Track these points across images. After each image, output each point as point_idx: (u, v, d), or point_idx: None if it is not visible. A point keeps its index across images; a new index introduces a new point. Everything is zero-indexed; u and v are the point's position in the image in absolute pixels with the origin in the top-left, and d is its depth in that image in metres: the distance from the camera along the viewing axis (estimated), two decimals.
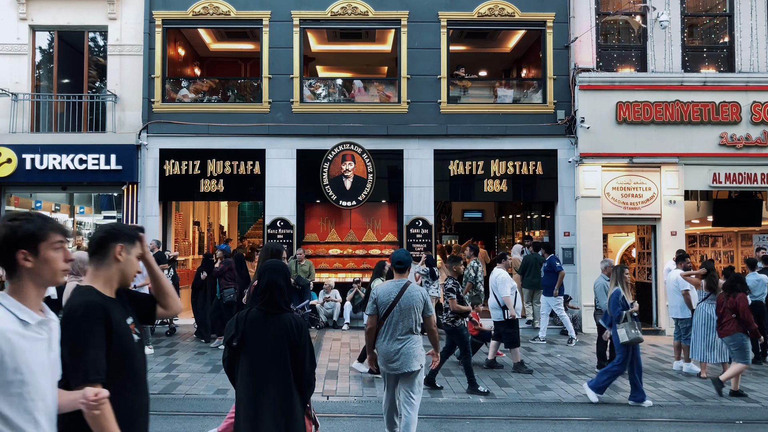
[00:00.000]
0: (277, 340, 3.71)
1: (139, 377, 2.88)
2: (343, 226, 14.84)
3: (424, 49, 14.14)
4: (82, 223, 18.01)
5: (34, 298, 2.31)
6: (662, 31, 13.55)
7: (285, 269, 3.95)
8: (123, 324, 2.82)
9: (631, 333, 7.54)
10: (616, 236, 16.61)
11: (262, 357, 3.73)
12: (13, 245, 2.26)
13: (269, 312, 3.78)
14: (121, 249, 2.86)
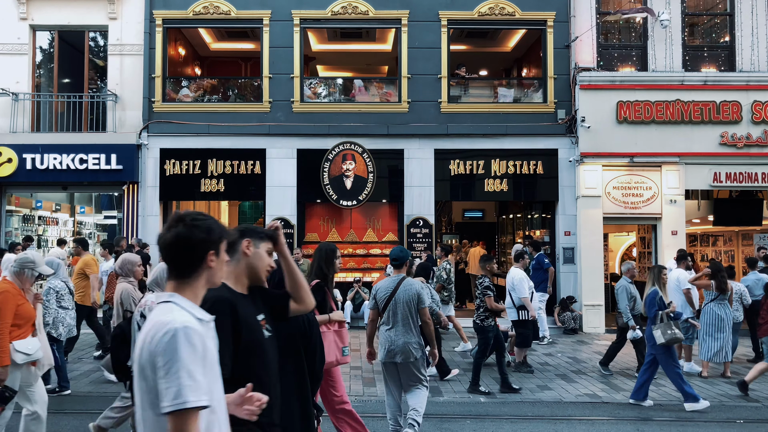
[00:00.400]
0: (289, 337, 3.71)
1: (270, 372, 2.90)
2: (343, 225, 14.83)
3: (425, 48, 14.14)
4: (83, 222, 18.03)
5: (200, 298, 2.34)
6: (663, 30, 13.54)
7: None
8: (252, 320, 2.85)
9: (668, 334, 7.42)
10: (616, 236, 16.61)
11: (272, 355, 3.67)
12: (209, 245, 2.29)
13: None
14: (248, 244, 2.94)
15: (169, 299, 2.24)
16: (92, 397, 7.78)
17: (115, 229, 16.76)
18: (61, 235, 16.90)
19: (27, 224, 15.40)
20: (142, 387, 2.16)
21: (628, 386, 8.58)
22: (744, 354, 10.77)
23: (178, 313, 2.16)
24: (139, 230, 13.80)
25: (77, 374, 8.87)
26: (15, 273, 5.25)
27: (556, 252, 13.99)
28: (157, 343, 2.08)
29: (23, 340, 5.15)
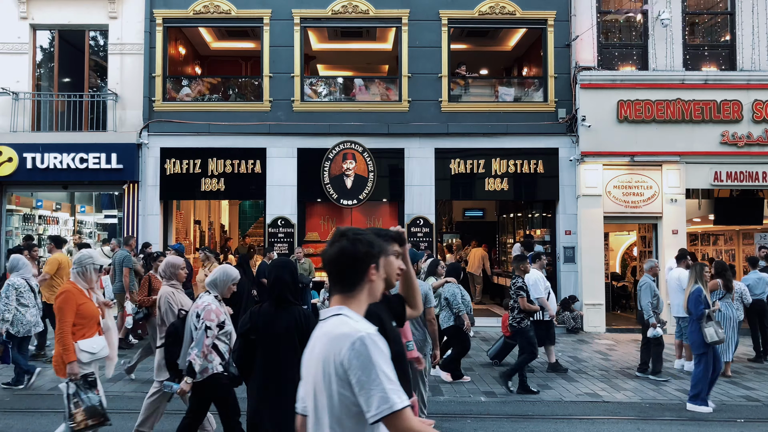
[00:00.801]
0: (288, 330, 4.04)
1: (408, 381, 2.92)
2: (344, 224, 14.82)
3: (425, 47, 14.13)
4: (83, 222, 18.03)
5: (364, 311, 2.36)
6: (663, 29, 13.53)
7: (291, 266, 4.29)
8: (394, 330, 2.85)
9: (719, 332, 7.37)
10: (617, 235, 16.61)
11: (274, 347, 4.03)
12: (371, 259, 2.32)
13: (278, 304, 4.13)
14: None
15: (338, 312, 2.26)
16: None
17: (116, 228, 16.76)
18: (62, 234, 16.92)
19: (27, 223, 15.40)
20: (323, 404, 2.17)
21: (629, 385, 8.59)
22: (744, 353, 10.78)
23: (355, 323, 2.19)
24: (139, 230, 13.80)
25: None
26: (78, 273, 5.28)
27: (557, 251, 13.98)
28: (347, 355, 2.10)
29: (88, 339, 5.19)
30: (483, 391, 8.22)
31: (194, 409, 5.05)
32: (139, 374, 8.75)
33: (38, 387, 8.02)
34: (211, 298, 4.94)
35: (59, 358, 5.09)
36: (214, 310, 4.83)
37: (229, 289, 5.07)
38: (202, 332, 4.76)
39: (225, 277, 5.00)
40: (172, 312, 5.57)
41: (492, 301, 16.78)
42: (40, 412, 6.96)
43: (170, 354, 5.04)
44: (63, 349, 5.00)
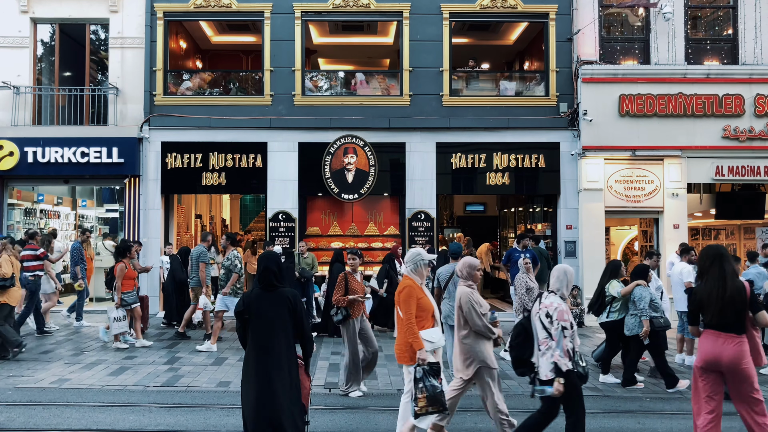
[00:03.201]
0: (277, 308, 4.80)
1: None
2: (345, 219, 14.83)
3: (426, 41, 14.09)
4: (84, 216, 18.04)
5: None
6: (665, 23, 13.49)
7: (277, 257, 5.08)
8: None
9: None
10: (618, 229, 16.59)
11: (266, 322, 4.78)
12: None
13: (267, 289, 4.87)
14: None
15: None
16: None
17: (117, 222, 16.77)
18: (63, 228, 16.93)
19: (29, 218, 15.41)
20: None
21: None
22: None
23: None
24: (140, 224, 13.81)
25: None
26: (413, 270, 5.74)
27: (558, 246, 13.98)
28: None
29: (428, 329, 5.57)
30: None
31: (545, 410, 5.24)
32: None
33: (39, 381, 8.03)
34: (558, 299, 5.18)
35: (403, 346, 5.52)
36: (565, 311, 5.11)
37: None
38: (559, 332, 5.05)
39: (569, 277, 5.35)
40: (475, 311, 5.73)
41: (493, 295, 16.77)
42: (42, 405, 6.98)
43: (521, 351, 5.35)
44: (411, 337, 5.41)
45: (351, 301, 7.54)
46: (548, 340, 5.04)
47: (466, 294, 5.81)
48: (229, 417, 6.69)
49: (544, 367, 5.04)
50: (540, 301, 5.27)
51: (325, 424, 6.44)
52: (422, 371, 5.27)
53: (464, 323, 5.76)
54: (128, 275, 10.37)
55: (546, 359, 5.03)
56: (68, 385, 7.90)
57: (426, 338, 5.47)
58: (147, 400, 7.27)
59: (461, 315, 5.77)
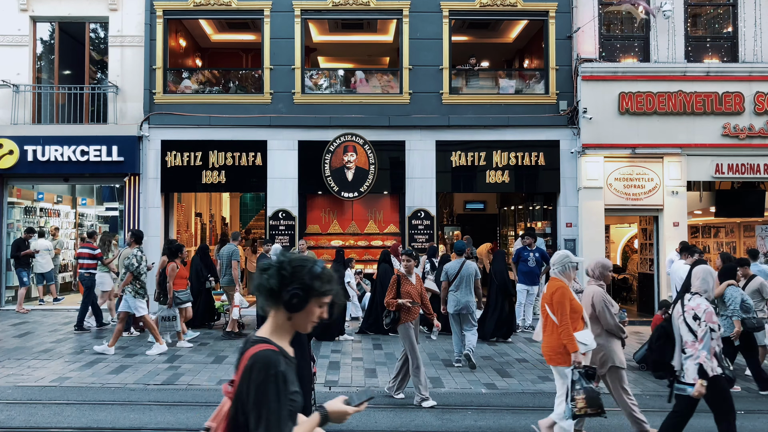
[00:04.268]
0: None
1: None
2: (345, 217, 14.84)
3: (426, 39, 14.09)
4: (84, 214, 18.05)
5: None
6: (665, 20, 13.47)
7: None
8: None
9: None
10: (618, 227, 16.60)
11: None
12: None
13: None
14: None
15: None
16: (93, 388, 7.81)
17: (117, 221, 16.78)
18: (63, 227, 16.94)
19: (29, 216, 15.42)
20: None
21: (630, 377, 8.56)
22: None
23: None
24: (140, 222, 13.81)
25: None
26: (560, 272, 5.75)
27: (558, 244, 13.98)
28: None
29: (580, 332, 5.54)
30: (484, 383, 8.24)
31: (682, 409, 5.21)
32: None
33: (40, 379, 8.04)
34: (705, 301, 5.11)
35: (556, 348, 5.55)
36: (713, 312, 5.07)
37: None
38: (707, 334, 5.00)
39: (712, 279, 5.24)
40: (609, 311, 5.79)
41: None
42: (42, 404, 6.99)
43: (662, 354, 5.35)
44: (567, 339, 5.43)
45: (400, 306, 7.29)
46: (695, 343, 4.99)
47: (600, 294, 5.89)
48: None
49: (691, 370, 4.99)
50: (682, 303, 5.20)
51: None
52: (578, 374, 5.34)
53: (596, 322, 5.84)
54: (180, 275, 10.38)
55: (692, 362, 4.98)
56: (69, 383, 7.91)
57: (581, 340, 5.48)
58: (147, 399, 7.28)
59: (593, 314, 5.85)
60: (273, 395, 2.11)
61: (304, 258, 2.33)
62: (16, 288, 14.07)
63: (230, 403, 2.23)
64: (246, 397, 2.13)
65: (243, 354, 2.25)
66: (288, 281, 2.25)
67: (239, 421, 2.17)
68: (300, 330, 2.35)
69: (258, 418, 2.09)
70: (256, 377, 2.13)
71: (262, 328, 2.33)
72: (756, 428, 6.65)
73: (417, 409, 7.02)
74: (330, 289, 2.31)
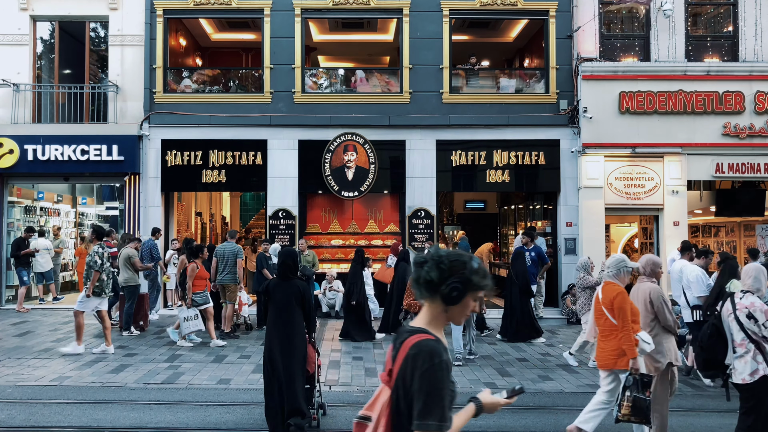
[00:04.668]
0: (290, 295, 6.04)
1: None
2: (345, 216, 14.84)
3: (426, 38, 14.08)
4: (84, 213, 18.04)
5: None
6: (666, 20, 13.48)
7: (294, 254, 6.34)
8: None
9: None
10: (618, 226, 16.60)
11: (281, 305, 6.05)
12: None
13: (283, 278, 6.15)
14: None
15: None
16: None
17: (117, 220, 16.78)
18: (63, 226, 16.94)
19: (29, 215, 15.42)
20: None
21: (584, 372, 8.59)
22: None
23: None
24: (140, 221, 13.81)
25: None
26: (614, 275, 5.80)
27: (558, 243, 13.98)
28: None
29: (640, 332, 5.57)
30: (484, 382, 8.24)
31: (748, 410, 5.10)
32: None
33: (40, 378, 8.04)
34: (758, 299, 5.08)
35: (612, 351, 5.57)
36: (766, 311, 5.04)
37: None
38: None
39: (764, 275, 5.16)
40: (667, 308, 5.85)
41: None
42: (43, 403, 6.99)
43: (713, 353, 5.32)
44: (627, 345, 5.44)
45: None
46: (747, 342, 4.94)
47: (657, 290, 5.92)
48: (229, 414, 6.70)
49: (740, 369, 4.95)
50: (733, 300, 5.14)
51: (325, 421, 6.44)
52: (633, 380, 5.34)
53: (652, 319, 5.86)
54: (200, 275, 10.34)
55: (743, 362, 4.93)
56: (69, 382, 7.91)
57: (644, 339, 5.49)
58: (147, 398, 7.27)
59: (651, 311, 5.87)
60: (437, 383, 2.19)
61: (460, 253, 2.40)
62: (16, 287, 14.08)
63: (388, 391, 2.31)
64: (409, 384, 2.21)
65: (401, 344, 2.31)
66: (447, 275, 2.32)
67: (401, 408, 2.25)
68: (454, 322, 2.42)
69: (423, 404, 2.17)
70: (421, 365, 2.19)
71: (417, 319, 2.41)
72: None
73: None
74: (486, 284, 2.38)
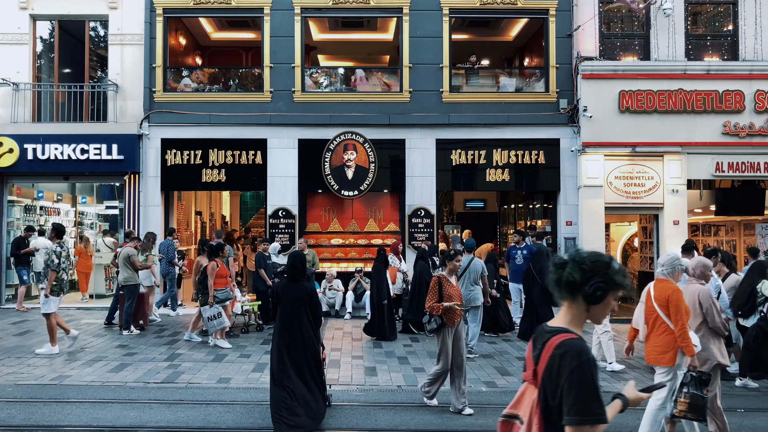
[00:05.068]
0: (298, 296, 6.34)
1: None
2: (345, 215, 14.84)
3: (426, 37, 14.08)
4: (84, 213, 18.04)
5: None
6: (665, 19, 13.47)
7: (303, 257, 6.64)
8: None
9: None
10: (618, 225, 16.60)
11: (290, 305, 6.33)
12: None
13: (292, 280, 6.47)
14: None
15: None
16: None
17: (117, 219, 16.77)
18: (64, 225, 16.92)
19: (29, 214, 15.42)
20: None
21: (629, 376, 8.61)
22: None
23: None
24: (140, 221, 13.81)
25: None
26: (669, 273, 5.85)
27: (558, 242, 13.98)
28: None
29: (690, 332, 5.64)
30: (484, 381, 8.24)
31: None
32: None
33: (40, 377, 8.05)
34: None
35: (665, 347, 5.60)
36: None
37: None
38: None
39: None
40: (716, 310, 5.88)
41: None
42: (42, 402, 6.99)
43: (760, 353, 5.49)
44: (684, 343, 5.48)
45: (447, 309, 6.88)
46: None
47: (706, 292, 5.97)
48: (229, 413, 6.70)
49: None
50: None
51: (326, 421, 6.44)
52: (690, 377, 5.37)
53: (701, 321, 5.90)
54: (220, 273, 10.39)
55: None
56: (69, 381, 7.91)
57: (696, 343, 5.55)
58: (147, 397, 7.27)
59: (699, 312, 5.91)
60: (588, 379, 2.24)
61: (600, 254, 2.46)
62: (16, 286, 14.08)
63: (533, 390, 2.40)
64: (558, 382, 2.27)
65: (544, 344, 2.38)
66: (589, 275, 2.39)
67: (550, 404, 2.32)
68: (595, 321, 2.49)
69: (575, 401, 2.23)
70: (569, 363, 2.26)
71: (557, 319, 2.48)
72: (756, 426, 6.65)
73: (417, 407, 7.02)
74: (627, 284, 2.45)
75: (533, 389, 2.40)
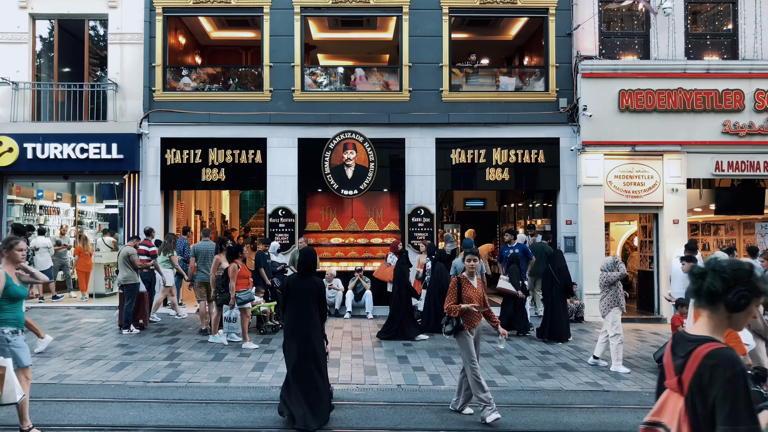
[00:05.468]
0: (307, 290, 6.50)
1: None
2: (344, 215, 14.83)
3: (426, 36, 14.07)
4: (84, 212, 18.04)
5: None
6: (665, 18, 13.46)
7: (313, 254, 6.82)
8: None
9: None
10: (618, 225, 16.60)
11: (299, 299, 6.51)
12: None
13: (302, 275, 6.62)
14: None
15: None
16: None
17: (116, 218, 16.78)
18: (63, 224, 16.93)
19: (28, 214, 15.42)
20: None
21: (629, 375, 8.61)
22: None
23: None
24: (140, 220, 13.81)
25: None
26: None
27: (558, 241, 13.98)
28: None
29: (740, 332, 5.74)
30: (484, 380, 8.24)
31: None
32: None
33: (39, 377, 8.04)
34: None
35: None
36: None
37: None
38: None
39: None
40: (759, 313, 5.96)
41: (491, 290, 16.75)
42: (42, 401, 6.99)
43: None
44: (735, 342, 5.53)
45: (465, 311, 6.65)
46: None
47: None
48: (229, 412, 6.70)
49: None
50: None
51: (329, 422, 6.44)
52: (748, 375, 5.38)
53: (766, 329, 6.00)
54: (241, 274, 10.36)
55: None
56: (68, 380, 7.91)
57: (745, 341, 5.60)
58: (147, 396, 7.28)
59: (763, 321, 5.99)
60: (743, 389, 2.27)
61: (740, 262, 2.48)
62: None
63: (678, 398, 2.43)
64: (709, 392, 2.30)
65: (690, 353, 2.42)
66: (732, 283, 2.42)
67: (699, 413, 2.35)
68: (737, 329, 2.52)
69: (730, 410, 2.25)
70: (723, 374, 2.29)
71: (698, 327, 2.51)
72: None
73: (417, 406, 7.02)
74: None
75: (677, 397, 2.43)
